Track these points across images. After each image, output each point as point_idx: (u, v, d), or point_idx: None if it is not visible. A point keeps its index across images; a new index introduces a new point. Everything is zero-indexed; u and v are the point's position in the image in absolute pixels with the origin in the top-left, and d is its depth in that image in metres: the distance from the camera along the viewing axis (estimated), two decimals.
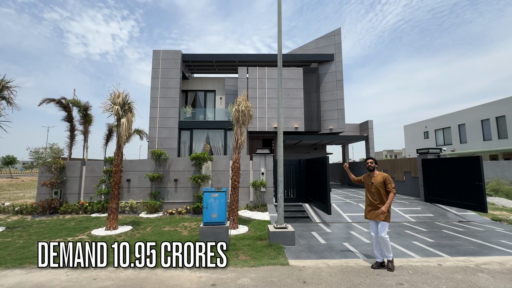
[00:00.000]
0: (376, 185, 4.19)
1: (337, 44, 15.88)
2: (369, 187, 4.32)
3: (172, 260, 4.39)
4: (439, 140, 29.72)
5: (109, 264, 4.32)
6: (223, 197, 5.42)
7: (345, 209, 8.59)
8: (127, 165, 9.52)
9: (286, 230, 5.39)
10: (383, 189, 4.15)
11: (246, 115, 7.02)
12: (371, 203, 4.24)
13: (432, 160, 9.32)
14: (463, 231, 6.53)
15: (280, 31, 6.16)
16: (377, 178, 4.23)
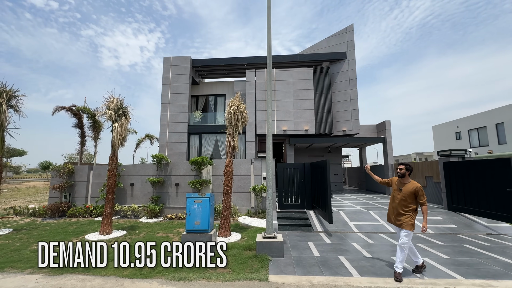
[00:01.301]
0: (405, 193, 4.02)
1: (349, 41, 15.08)
2: (396, 193, 4.18)
3: (144, 270, 4.17)
4: (473, 141, 27.05)
5: (84, 271, 4.21)
6: (206, 203, 5.13)
7: (354, 218, 7.86)
8: (130, 169, 9.65)
9: (274, 241, 4.93)
10: (410, 199, 3.99)
11: (239, 117, 6.71)
12: (396, 210, 4.12)
13: (455, 163, 8.24)
14: (489, 246, 5.56)
15: (269, 30, 5.80)
16: (408, 187, 4.03)
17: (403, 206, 4.02)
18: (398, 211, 4.06)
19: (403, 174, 4.15)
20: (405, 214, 3.98)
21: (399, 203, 4.06)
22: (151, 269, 4.31)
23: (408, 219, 3.94)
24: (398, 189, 4.16)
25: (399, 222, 4.00)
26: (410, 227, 3.91)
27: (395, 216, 4.10)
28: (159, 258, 4.84)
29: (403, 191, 4.05)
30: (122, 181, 9.54)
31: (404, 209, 4.01)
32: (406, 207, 4.00)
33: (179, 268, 4.33)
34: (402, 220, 3.98)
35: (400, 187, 4.13)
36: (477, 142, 26.42)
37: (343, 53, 15.05)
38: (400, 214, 4.03)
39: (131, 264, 4.47)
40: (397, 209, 4.08)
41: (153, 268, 4.35)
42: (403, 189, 4.07)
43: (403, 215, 3.99)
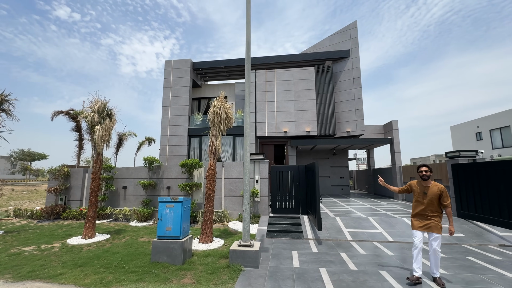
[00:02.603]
0: (430, 196, 3.90)
1: (353, 38, 14.47)
2: (420, 198, 4.02)
3: (106, 279, 3.94)
4: (495, 142, 25.25)
5: (45, 278, 4.05)
6: (179, 208, 4.85)
7: (350, 224, 7.31)
8: (123, 172, 9.62)
9: (249, 249, 4.56)
10: (437, 202, 3.89)
11: (223, 117, 6.42)
12: (423, 215, 3.95)
13: (464, 166, 7.48)
14: (498, 260, 4.87)
15: (248, 25, 5.50)
16: (433, 189, 3.92)
17: (431, 211, 3.90)
18: (426, 216, 3.91)
19: (428, 177, 4.00)
20: (434, 218, 3.87)
21: (427, 207, 3.92)
22: (113, 278, 4.07)
23: (438, 222, 3.84)
24: (422, 193, 3.99)
25: (428, 226, 3.86)
26: (440, 230, 3.81)
27: (424, 220, 3.92)
28: (128, 265, 4.62)
29: (429, 195, 3.91)
30: (115, 184, 9.53)
31: (433, 213, 3.88)
32: (434, 211, 3.89)
33: (142, 277, 4.07)
34: (431, 224, 3.85)
35: (425, 191, 3.97)
36: (500, 142, 24.61)
37: (346, 51, 14.45)
38: (429, 218, 3.89)
39: (98, 271, 4.27)
40: (425, 214, 3.93)
41: (116, 277, 4.11)
42: (428, 193, 3.93)
43: (432, 219, 3.86)
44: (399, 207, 10.09)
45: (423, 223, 3.94)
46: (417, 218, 4.02)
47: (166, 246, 4.70)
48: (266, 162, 8.72)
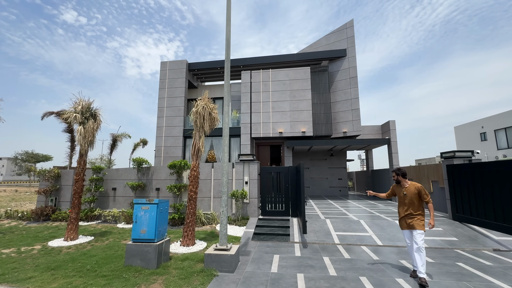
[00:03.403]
0: (410, 196, 4.13)
1: (349, 37, 14.25)
2: (402, 199, 4.26)
3: (75, 283, 3.82)
4: (500, 142, 24.68)
5: (13, 282, 3.94)
6: (154, 210, 4.71)
7: (339, 227, 7.09)
8: (113, 173, 9.55)
9: (224, 254, 4.39)
10: (417, 200, 4.11)
11: (206, 117, 6.28)
12: (407, 215, 4.14)
13: (459, 166, 7.20)
14: (489, 266, 4.61)
15: (229, 22, 5.37)
16: (410, 189, 4.15)
17: (413, 210, 4.09)
18: (410, 215, 4.11)
19: (398, 181, 4.32)
20: (417, 216, 4.06)
21: (409, 207, 4.13)
22: (81, 282, 3.94)
23: (420, 219, 4.03)
24: (402, 194, 4.25)
25: (411, 223, 4.04)
26: (422, 227, 3.98)
27: (408, 219, 4.10)
28: (101, 269, 4.50)
29: (408, 195, 4.15)
30: (105, 185, 9.46)
31: (416, 212, 4.08)
32: (416, 209, 4.08)
33: (110, 282, 3.93)
34: (413, 221, 4.03)
35: (404, 191, 4.21)
36: (505, 143, 24.03)
37: (342, 50, 14.24)
38: (412, 216, 4.08)
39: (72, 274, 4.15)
40: (409, 214, 4.12)
41: (84, 281, 3.99)
42: (407, 193, 4.16)
43: (415, 217, 4.06)
44: (394, 209, 9.80)
45: (408, 222, 4.11)
46: (403, 219, 4.21)
47: (140, 250, 4.56)
48: (256, 163, 8.55)
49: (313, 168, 17.02)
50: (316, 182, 16.79)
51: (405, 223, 4.16)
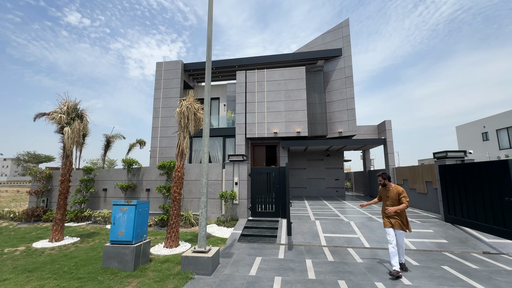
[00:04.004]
0: (392, 198, 4.44)
1: (345, 37, 14.11)
2: (385, 201, 4.57)
3: (48, 286, 3.77)
4: (503, 142, 24.33)
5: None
6: (132, 211, 4.65)
7: (328, 228, 6.97)
8: (104, 174, 9.54)
9: (201, 256, 4.32)
10: (398, 202, 4.39)
11: (190, 117, 6.22)
12: (390, 215, 4.43)
13: (451, 167, 7.05)
14: (475, 269, 4.47)
15: (210, 21, 5.30)
16: (393, 192, 4.47)
17: (400, 212, 4.37)
18: (393, 216, 4.40)
19: (384, 184, 4.62)
20: (398, 217, 4.37)
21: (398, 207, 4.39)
22: (55, 285, 3.90)
23: (402, 220, 4.37)
24: (386, 196, 4.58)
25: (394, 224, 4.37)
26: (404, 227, 4.36)
27: (391, 219, 4.40)
28: (78, 271, 4.45)
29: (391, 197, 4.48)
30: (96, 186, 9.45)
31: (397, 213, 4.38)
32: (401, 211, 4.37)
33: (84, 284, 3.88)
34: (396, 222, 4.36)
35: (388, 194, 4.54)
36: (508, 143, 23.67)
37: (338, 50, 14.11)
38: (395, 217, 4.39)
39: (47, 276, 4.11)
40: (395, 215, 4.40)
41: (58, 284, 3.94)
42: (390, 195, 4.49)
43: (397, 218, 4.38)
44: None
45: (391, 221, 4.42)
46: (386, 218, 4.49)
47: (118, 252, 4.51)
48: (245, 164, 8.47)
49: (309, 168, 16.89)
50: (313, 182, 16.65)
51: (389, 223, 4.42)
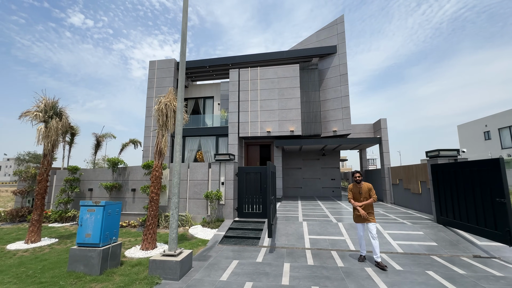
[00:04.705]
0: (364, 194, 4.87)
1: (340, 33, 13.82)
2: (357, 197, 4.94)
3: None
4: (505, 141, 23.85)
5: None
6: (100, 213, 4.45)
7: (315, 230, 6.72)
8: (89, 174, 9.37)
9: (169, 260, 4.10)
10: (369, 197, 4.87)
11: (169, 115, 6.01)
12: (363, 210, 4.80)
13: (442, 166, 6.76)
14: (462, 275, 4.19)
15: (185, 19, 5.09)
16: (364, 188, 4.91)
17: (366, 206, 4.81)
18: (367, 210, 4.80)
19: (361, 180, 4.93)
20: (369, 211, 4.80)
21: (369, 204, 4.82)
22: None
23: (372, 214, 4.81)
24: (358, 192, 4.94)
25: (366, 218, 4.74)
26: (374, 219, 4.81)
27: (366, 214, 4.75)
28: (43, 275, 4.26)
29: (363, 193, 4.88)
30: (82, 186, 9.29)
31: (368, 208, 4.82)
32: (369, 206, 4.83)
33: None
34: (370, 216, 4.77)
35: (360, 191, 4.92)
36: (510, 142, 23.18)
37: (333, 47, 13.81)
38: (370, 212, 4.79)
39: None
40: (365, 209, 4.80)
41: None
42: (362, 192, 4.89)
43: (370, 212, 4.80)
44: (381, 211, 9.36)
45: (365, 216, 4.75)
46: (357, 214, 4.86)
47: (84, 255, 4.30)
48: (232, 163, 8.24)
49: (305, 168, 16.61)
50: (309, 182, 16.37)
51: (360, 218, 4.82)
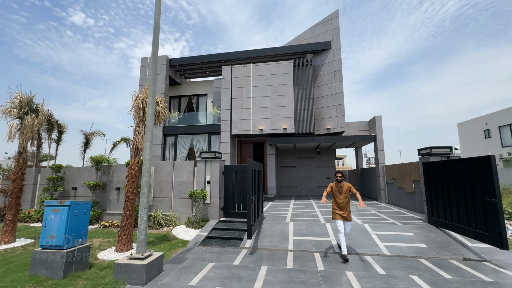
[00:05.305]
0: (345, 193, 5.09)
1: (334, 29, 13.50)
2: (338, 195, 5.12)
3: None
4: (505, 140, 23.45)
5: None
6: (64, 213, 4.21)
7: (301, 231, 6.47)
8: (74, 172, 9.15)
9: (135, 263, 3.85)
10: (348, 196, 5.12)
11: (146, 111, 5.74)
12: (339, 206, 5.08)
13: (434, 164, 6.47)
14: (448, 280, 3.93)
15: (158, 9, 4.82)
16: (345, 187, 5.13)
17: (345, 204, 5.06)
18: (346, 208, 5.05)
19: (342, 180, 5.14)
20: (347, 209, 5.06)
21: (343, 202, 5.06)
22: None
23: (350, 212, 5.08)
24: (339, 191, 5.13)
25: (345, 216, 5.01)
26: (351, 218, 5.10)
27: (345, 212, 5.03)
28: (4, 278, 4.03)
29: (343, 192, 5.09)
30: (66, 184, 9.08)
31: (346, 206, 5.06)
32: (347, 203, 5.08)
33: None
34: (346, 214, 5.03)
35: (340, 190, 5.12)
36: (511, 140, 22.77)
37: (327, 43, 13.50)
38: (345, 209, 5.04)
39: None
40: (345, 207, 5.06)
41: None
42: (342, 191, 5.10)
43: (348, 211, 5.07)
44: (373, 210, 9.09)
45: (341, 214, 5.04)
46: (337, 211, 5.09)
47: (47, 257, 4.07)
48: (218, 161, 7.98)
49: (300, 167, 16.35)
50: (303, 181, 16.11)
51: (340, 215, 5.03)
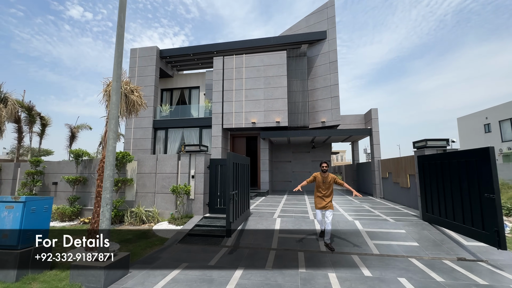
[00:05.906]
0: (328, 184, 5.12)
1: (330, 18, 12.96)
2: (321, 185, 5.15)
3: None
4: (506, 134, 23.05)
5: None
6: (19, 210, 3.83)
7: (288, 228, 6.12)
8: (54, 167, 8.77)
9: (93, 265, 3.49)
10: (332, 188, 5.16)
11: (121, 100, 5.32)
12: (323, 196, 5.12)
13: (429, 157, 6.07)
14: (439, 283, 3.57)
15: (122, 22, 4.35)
16: (329, 178, 5.14)
17: (328, 194, 5.11)
18: (325, 198, 5.09)
19: (326, 170, 5.16)
20: (330, 200, 5.11)
21: (326, 192, 5.11)
22: None
23: (331, 202, 5.14)
24: (323, 182, 5.15)
25: (326, 206, 5.05)
26: (333, 208, 5.12)
27: (323, 202, 5.08)
28: None
29: (327, 183, 5.12)
30: (46, 179, 8.71)
31: (329, 197, 5.11)
32: (330, 194, 5.14)
33: None
34: (328, 204, 5.06)
35: (325, 180, 5.14)
36: (511, 134, 22.34)
37: (322, 32, 12.97)
38: (327, 199, 5.09)
39: None
40: (324, 197, 5.10)
41: None
42: (327, 181, 5.12)
43: (330, 201, 5.12)
44: (366, 206, 8.74)
45: (322, 204, 5.08)
46: (319, 201, 5.14)
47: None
48: (203, 155, 7.60)
49: (295, 161, 15.98)
50: (298, 176, 15.76)
51: (320, 205, 5.09)
